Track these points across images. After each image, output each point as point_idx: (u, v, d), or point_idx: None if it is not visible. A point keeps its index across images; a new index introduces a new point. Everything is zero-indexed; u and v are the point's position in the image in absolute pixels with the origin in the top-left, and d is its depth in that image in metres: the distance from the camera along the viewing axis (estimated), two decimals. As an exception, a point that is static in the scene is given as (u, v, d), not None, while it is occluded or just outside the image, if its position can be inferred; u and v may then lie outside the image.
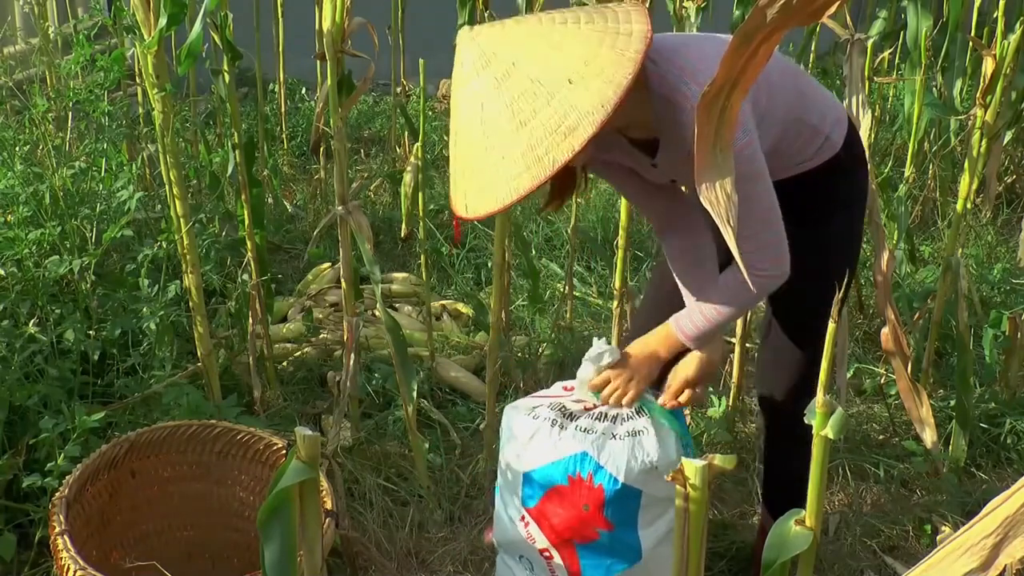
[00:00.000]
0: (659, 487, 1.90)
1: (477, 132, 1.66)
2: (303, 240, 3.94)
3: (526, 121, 1.60)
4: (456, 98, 1.72)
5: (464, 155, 1.70)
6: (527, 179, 1.60)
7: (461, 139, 1.71)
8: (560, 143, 1.58)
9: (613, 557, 1.94)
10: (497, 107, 1.63)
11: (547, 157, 1.59)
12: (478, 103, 1.65)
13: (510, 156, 1.61)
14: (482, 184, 1.66)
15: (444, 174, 4.73)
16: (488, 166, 1.64)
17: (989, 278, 3.59)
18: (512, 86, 1.62)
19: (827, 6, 1.16)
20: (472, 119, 1.67)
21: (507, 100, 1.62)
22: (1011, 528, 0.91)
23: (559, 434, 1.94)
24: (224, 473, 2.21)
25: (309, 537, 1.24)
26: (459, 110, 1.71)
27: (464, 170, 1.71)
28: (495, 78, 1.64)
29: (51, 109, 2.99)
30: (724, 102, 1.40)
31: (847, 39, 2.64)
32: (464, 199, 1.70)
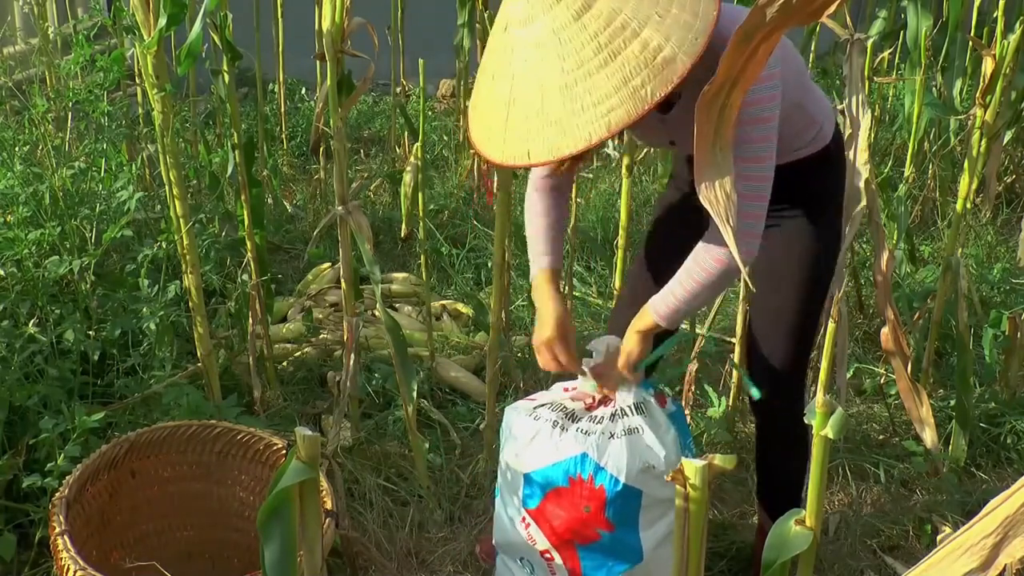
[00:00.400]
0: (660, 488, 1.90)
1: (553, 68, 1.58)
2: (303, 240, 3.94)
3: (616, 53, 1.55)
4: (513, 38, 1.63)
5: (528, 96, 1.62)
6: (622, 113, 1.55)
7: (523, 79, 1.62)
8: (658, 75, 1.53)
9: (614, 558, 1.94)
10: (580, 40, 1.56)
11: (644, 90, 1.53)
12: (554, 37, 1.58)
13: (600, 90, 1.55)
14: (562, 121, 1.59)
15: (444, 174, 4.73)
16: (571, 101, 1.57)
17: (989, 278, 3.59)
18: (595, 18, 1.56)
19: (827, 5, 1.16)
20: (545, 55, 1.59)
21: (591, 32, 1.56)
22: (1011, 528, 0.91)
23: (560, 435, 1.94)
24: (224, 473, 2.21)
25: (309, 537, 1.24)
26: (519, 49, 1.62)
27: (527, 112, 1.62)
28: (574, 11, 1.57)
29: (51, 109, 2.99)
30: (724, 101, 1.40)
31: (847, 39, 2.63)
32: (527, 144, 1.62)
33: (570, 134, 1.58)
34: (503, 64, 1.66)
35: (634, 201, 2.58)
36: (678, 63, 1.53)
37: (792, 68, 1.86)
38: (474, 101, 1.76)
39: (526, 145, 1.62)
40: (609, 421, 1.94)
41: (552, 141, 1.59)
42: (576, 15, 1.57)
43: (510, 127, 1.65)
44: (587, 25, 1.56)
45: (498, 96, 1.67)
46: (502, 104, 1.66)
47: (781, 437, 2.20)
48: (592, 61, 1.55)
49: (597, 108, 1.55)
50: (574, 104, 1.57)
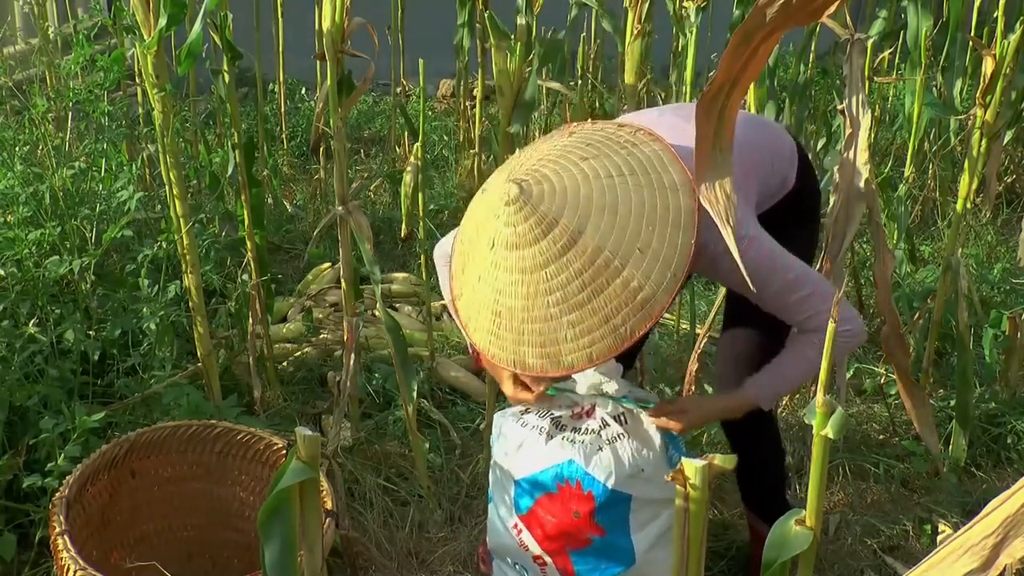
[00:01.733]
0: (649, 490, 1.90)
1: (538, 299, 1.68)
2: (303, 240, 3.94)
3: (599, 291, 1.65)
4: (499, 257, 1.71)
5: (513, 315, 1.71)
6: (603, 347, 1.67)
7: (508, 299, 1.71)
8: (637, 313, 1.65)
9: (607, 562, 1.94)
10: (564, 276, 1.66)
11: (624, 328, 1.65)
12: (538, 270, 1.67)
13: (582, 325, 1.66)
14: (544, 347, 1.70)
15: (444, 174, 4.73)
16: (551, 331, 1.68)
17: (989, 278, 3.59)
18: (579, 255, 1.65)
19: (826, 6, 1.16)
20: (529, 283, 1.68)
21: (575, 270, 1.66)
22: (1011, 528, 0.91)
23: (547, 442, 1.95)
24: (224, 473, 2.21)
25: (309, 537, 1.24)
26: (505, 271, 1.71)
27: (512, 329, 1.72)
28: (559, 247, 1.66)
29: (51, 109, 2.99)
30: (724, 101, 1.40)
31: (847, 39, 2.63)
32: (513, 356, 1.73)
33: (554, 358, 1.70)
34: (488, 274, 1.75)
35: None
36: (656, 303, 1.65)
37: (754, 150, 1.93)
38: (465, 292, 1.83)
39: (512, 356, 1.74)
40: (597, 428, 1.95)
41: (537, 360, 1.72)
42: (561, 251, 1.66)
43: (497, 335, 1.76)
44: (571, 262, 1.66)
45: (483, 300, 1.77)
46: (488, 310, 1.76)
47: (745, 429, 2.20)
48: (576, 297, 1.66)
49: (580, 340, 1.68)
50: (557, 334, 1.68)
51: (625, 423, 1.95)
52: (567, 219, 1.66)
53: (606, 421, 1.96)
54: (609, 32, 3.80)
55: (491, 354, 1.78)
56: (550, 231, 1.66)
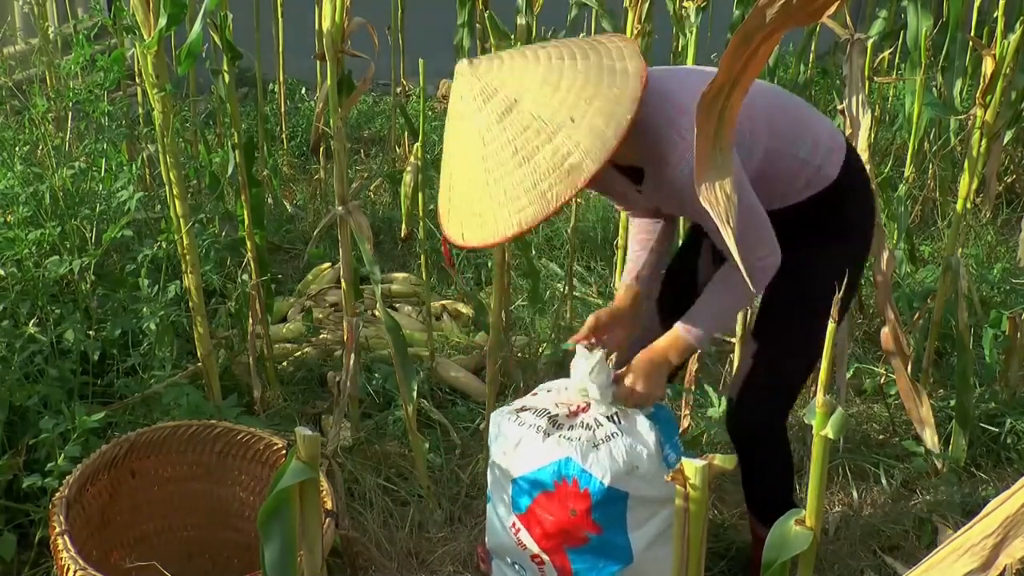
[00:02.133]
0: (645, 488, 1.91)
1: (478, 166, 1.71)
2: (303, 240, 3.94)
3: (529, 157, 1.67)
4: (453, 129, 1.78)
5: (462, 186, 1.76)
6: (530, 214, 1.67)
7: (458, 171, 1.77)
8: (564, 180, 1.65)
9: (604, 560, 1.95)
10: (500, 142, 1.69)
11: (551, 193, 1.66)
12: (479, 137, 1.71)
13: (513, 192, 1.68)
14: (482, 215, 1.72)
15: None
16: (489, 199, 1.70)
17: (989, 278, 3.59)
18: (514, 122, 1.68)
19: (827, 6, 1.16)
20: (471, 152, 1.72)
21: (510, 136, 1.68)
22: (1012, 528, 0.91)
23: (543, 440, 1.95)
24: (224, 473, 2.21)
25: (309, 537, 1.24)
26: (456, 142, 1.77)
27: (461, 200, 1.77)
28: (498, 113, 1.69)
29: (51, 109, 2.99)
30: (724, 102, 1.40)
31: (847, 39, 2.64)
32: (460, 228, 1.77)
33: (489, 227, 1.72)
34: (446, 151, 1.82)
35: (634, 201, 2.58)
36: (584, 169, 1.65)
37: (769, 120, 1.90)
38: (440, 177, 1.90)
39: (460, 229, 1.79)
40: (593, 426, 1.96)
41: (476, 231, 1.75)
42: (499, 118, 1.70)
43: (451, 209, 1.81)
44: (507, 128, 1.69)
45: (444, 178, 1.83)
46: (446, 187, 1.82)
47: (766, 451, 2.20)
48: (509, 163, 1.68)
49: (511, 206, 1.69)
50: (492, 201, 1.71)
51: (618, 422, 1.96)
52: (508, 89, 1.70)
53: (599, 420, 1.97)
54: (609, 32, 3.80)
55: (446, 231, 1.82)
56: (491, 99, 1.71)
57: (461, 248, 1.89)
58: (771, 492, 2.24)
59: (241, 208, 2.94)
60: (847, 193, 2.04)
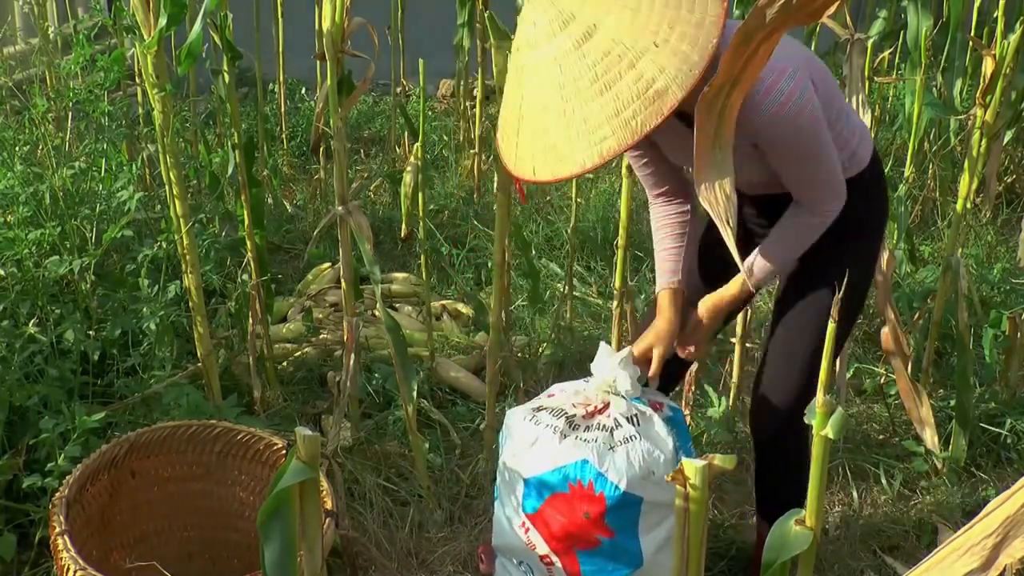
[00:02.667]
0: (659, 493, 1.89)
1: (553, 94, 1.64)
2: (303, 240, 3.94)
3: (611, 84, 1.60)
4: (523, 59, 1.70)
5: (534, 117, 1.68)
6: (613, 143, 1.60)
7: (529, 102, 1.69)
8: (649, 106, 1.58)
9: (614, 563, 1.94)
10: (578, 69, 1.62)
11: (635, 121, 1.58)
12: (555, 65, 1.64)
13: (594, 120, 1.61)
14: (557, 147, 1.65)
15: (444, 174, 4.73)
16: (566, 128, 1.63)
17: (989, 278, 3.59)
18: (594, 48, 1.61)
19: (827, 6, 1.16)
20: (546, 81, 1.65)
21: (589, 63, 1.61)
22: (1012, 528, 0.91)
23: (560, 441, 1.93)
24: (224, 473, 2.21)
25: (309, 537, 1.24)
26: (527, 71, 1.69)
27: (533, 133, 1.69)
28: (575, 39, 1.62)
29: (51, 109, 2.99)
30: (724, 101, 1.40)
31: (847, 39, 2.64)
32: (532, 161, 1.70)
33: (567, 159, 1.64)
34: (514, 84, 1.73)
35: (634, 201, 2.57)
36: (669, 95, 1.57)
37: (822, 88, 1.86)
38: (500, 117, 1.83)
39: (532, 163, 1.70)
40: (608, 429, 1.94)
41: (552, 164, 1.67)
42: (577, 44, 1.62)
43: (520, 144, 1.72)
44: (586, 54, 1.61)
45: (511, 113, 1.74)
46: (514, 120, 1.73)
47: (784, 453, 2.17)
48: (588, 90, 1.61)
49: (591, 136, 1.61)
50: (569, 131, 1.63)
51: (637, 424, 1.94)
52: (585, 14, 1.62)
53: (619, 421, 1.94)
54: (609, 32, 3.80)
55: (515, 168, 1.74)
56: (567, 25, 1.63)
57: (533, 183, 1.83)
58: (785, 495, 2.22)
59: (241, 208, 2.94)
60: (872, 185, 2.03)
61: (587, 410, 2.00)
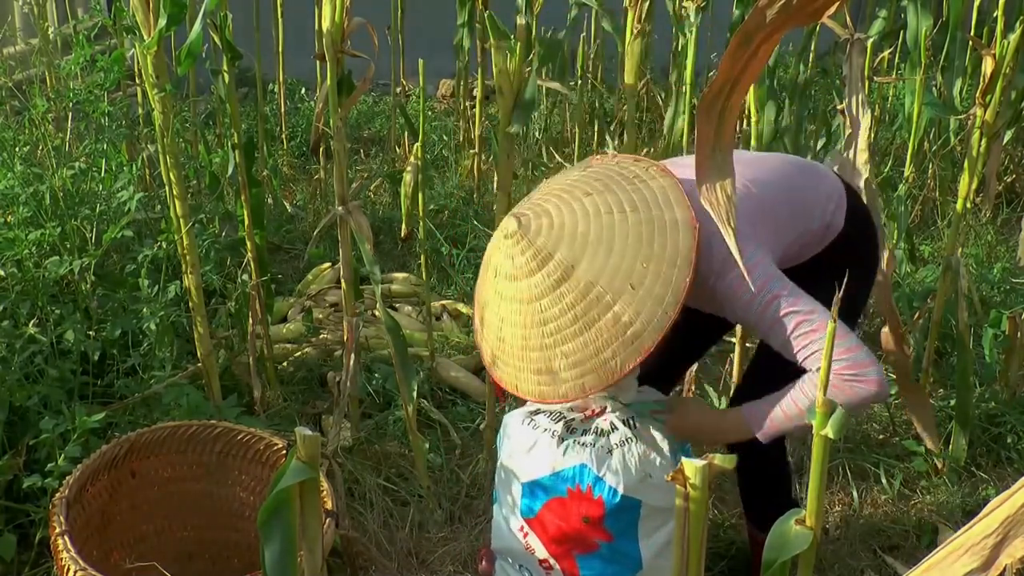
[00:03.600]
0: (658, 497, 1.89)
1: (534, 329, 1.74)
2: (303, 240, 3.94)
3: (590, 324, 1.69)
4: (501, 287, 1.79)
5: (513, 342, 1.78)
6: (593, 380, 1.71)
7: (509, 327, 1.78)
8: (627, 348, 1.68)
9: (613, 567, 1.93)
10: (558, 309, 1.71)
11: (614, 361, 1.69)
12: (534, 302, 1.74)
13: (574, 356, 1.71)
14: (540, 374, 1.76)
15: (444, 174, 4.73)
16: (546, 360, 1.74)
17: (989, 277, 3.59)
18: (572, 288, 1.70)
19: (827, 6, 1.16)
20: (526, 314, 1.75)
21: (568, 303, 1.71)
22: (1012, 528, 0.91)
23: (558, 446, 1.93)
24: (224, 473, 2.21)
25: (309, 537, 1.24)
26: (506, 300, 1.78)
27: (514, 354, 1.79)
28: (553, 280, 1.72)
29: (51, 110, 2.99)
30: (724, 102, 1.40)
31: (847, 39, 2.64)
32: (515, 381, 1.81)
33: (550, 387, 1.76)
34: (493, 302, 1.83)
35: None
36: (646, 338, 1.67)
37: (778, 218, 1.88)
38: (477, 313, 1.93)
39: (514, 381, 1.82)
40: (606, 433, 1.94)
41: (535, 387, 1.79)
42: (555, 284, 1.72)
43: (501, 360, 1.84)
44: (564, 295, 1.71)
45: (490, 326, 1.85)
46: (494, 336, 1.84)
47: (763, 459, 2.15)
48: (568, 329, 1.71)
49: (572, 371, 1.73)
50: (552, 363, 1.74)
51: (634, 427, 1.94)
52: (562, 254, 1.72)
53: (615, 424, 1.94)
54: (609, 32, 3.80)
55: (497, 376, 1.86)
56: (545, 264, 1.73)
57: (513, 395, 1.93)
58: (768, 498, 2.23)
59: (241, 208, 2.94)
60: (853, 236, 2.04)
61: (584, 413, 2.00)
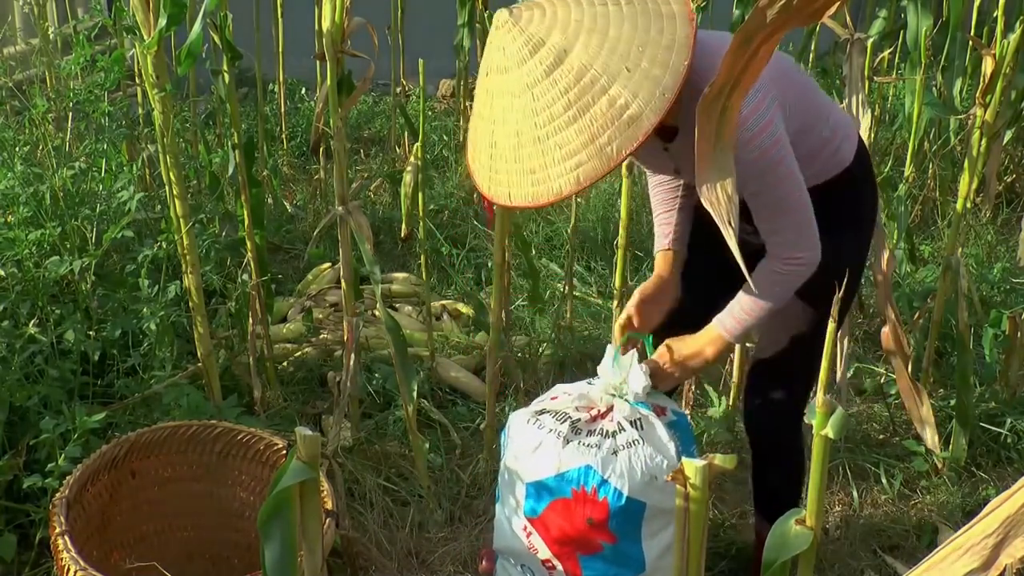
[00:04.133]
0: (663, 499, 1.89)
1: (527, 121, 1.64)
2: (303, 240, 3.94)
3: (584, 109, 1.59)
4: (493, 83, 1.69)
5: (507, 142, 1.68)
6: (589, 169, 1.60)
7: (501, 127, 1.68)
8: (624, 132, 1.58)
9: (617, 568, 1.93)
10: (551, 95, 1.61)
11: (610, 147, 1.58)
12: (527, 91, 1.63)
13: (569, 145, 1.60)
14: (534, 172, 1.65)
15: (444, 174, 4.73)
16: (542, 155, 1.63)
17: (989, 277, 3.59)
18: (565, 74, 1.60)
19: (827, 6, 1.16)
20: (518, 107, 1.65)
21: (561, 88, 1.60)
22: (1012, 528, 0.91)
23: (563, 446, 1.93)
24: (224, 473, 2.21)
25: (309, 537, 1.24)
26: (498, 96, 1.68)
27: (507, 158, 1.68)
28: (546, 65, 1.61)
29: (51, 110, 2.99)
30: (725, 102, 1.40)
31: (847, 39, 2.64)
32: (507, 187, 1.69)
33: (543, 184, 1.64)
34: (485, 107, 1.72)
35: (634, 201, 2.58)
36: (644, 120, 1.57)
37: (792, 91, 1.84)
38: (469, 136, 1.82)
39: (507, 188, 1.70)
40: (612, 434, 1.93)
41: (528, 189, 1.67)
42: (548, 70, 1.62)
43: (494, 168, 1.72)
44: (557, 81, 1.61)
45: (482, 136, 1.74)
46: (486, 145, 1.73)
47: (780, 449, 2.19)
48: (562, 117, 1.61)
49: (567, 163, 1.61)
50: (546, 157, 1.63)
51: (640, 429, 1.93)
52: (554, 39, 1.62)
53: (622, 425, 1.94)
54: (609, 32, 3.79)
55: (489, 191, 1.73)
56: (537, 51, 1.62)
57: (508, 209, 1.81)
58: (783, 491, 2.23)
59: (241, 208, 2.94)
60: (859, 182, 2.01)
61: (590, 414, 1.99)
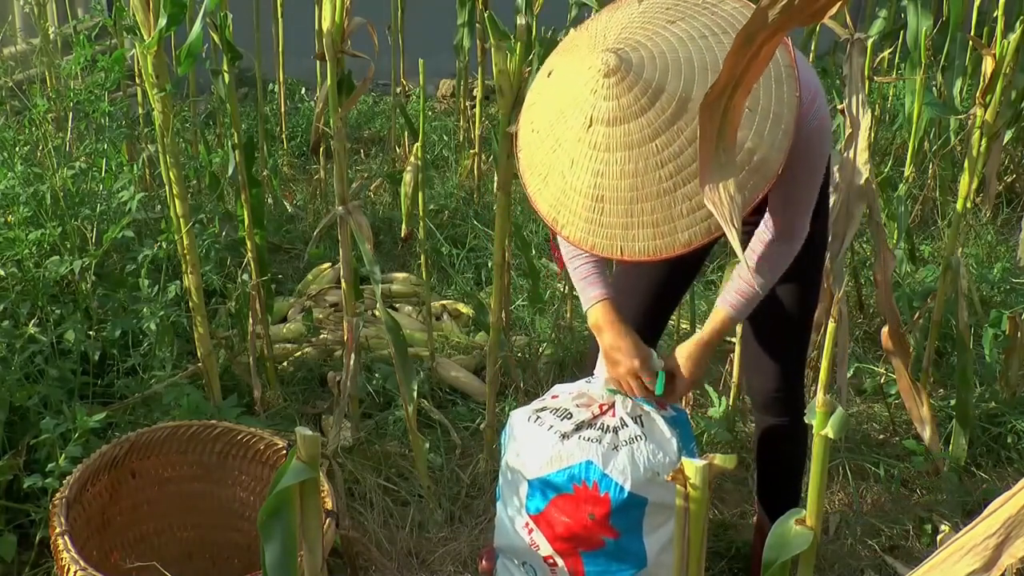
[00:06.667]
0: (664, 494, 1.89)
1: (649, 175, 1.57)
2: (303, 240, 3.94)
3: None
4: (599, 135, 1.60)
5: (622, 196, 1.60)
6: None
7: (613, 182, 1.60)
8: (754, 176, 1.54)
9: (618, 564, 1.94)
10: (677, 146, 1.55)
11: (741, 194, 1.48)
12: (648, 142, 1.56)
13: (699, 197, 1.53)
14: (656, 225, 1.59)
15: (444, 174, 4.73)
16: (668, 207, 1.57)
17: (989, 277, 3.59)
18: (690, 122, 1.54)
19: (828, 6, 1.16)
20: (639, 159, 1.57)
21: (688, 138, 1.54)
22: (1013, 528, 0.91)
23: (564, 442, 1.93)
24: (224, 473, 2.21)
25: (309, 537, 1.24)
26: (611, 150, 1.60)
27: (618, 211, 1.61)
28: (669, 115, 1.55)
29: (51, 110, 2.99)
30: (727, 103, 1.40)
31: (847, 39, 2.63)
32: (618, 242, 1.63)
33: (668, 237, 1.59)
34: (585, 157, 1.62)
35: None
36: (772, 162, 1.54)
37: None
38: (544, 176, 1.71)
39: (617, 243, 1.63)
40: (613, 429, 1.94)
41: (648, 243, 1.60)
42: (671, 119, 1.55)
43: (599, 223, 1.64)
44: (682, 129, 1.54)
45: (579, 186, 1.64)
46: (586, 197, 1.64)
47: (784, 436, 2.20)
48: (691, 167, 1.54)
49: (696, 214, 1.56)
50: (672, 210, 1.57)
51: (642, 424, 1.94)
52: (673, 85, 1.54)
53: (625, 421, 1.94)
54: (609, 32, 3.79)
55: (591, 244, 1.65)
56: (656, 99, 1.55)
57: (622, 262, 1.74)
58: (788, 485, 2.24)
59: (241, 208, 2.94)
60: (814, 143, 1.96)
61: (591, 411, 1.99)
